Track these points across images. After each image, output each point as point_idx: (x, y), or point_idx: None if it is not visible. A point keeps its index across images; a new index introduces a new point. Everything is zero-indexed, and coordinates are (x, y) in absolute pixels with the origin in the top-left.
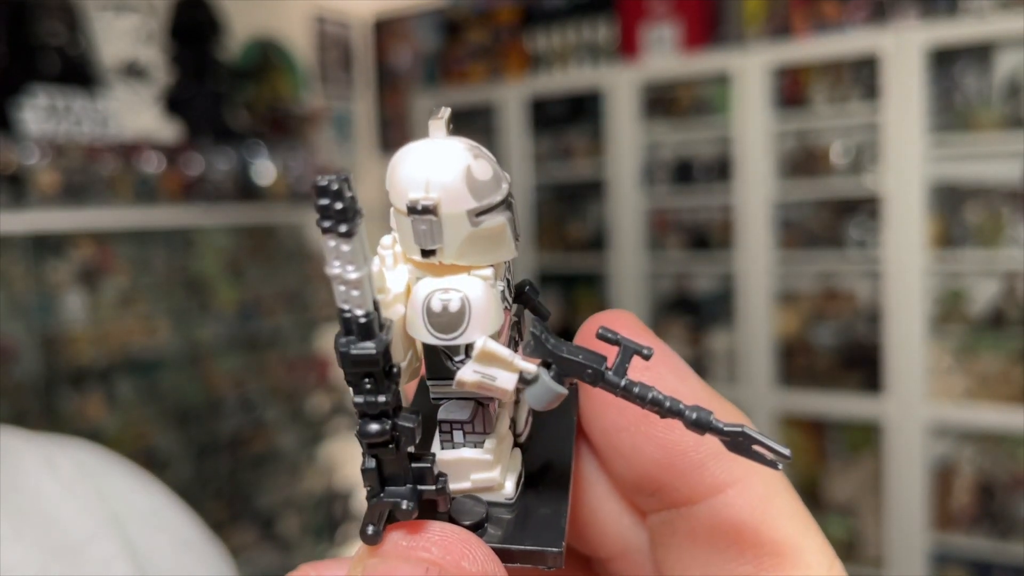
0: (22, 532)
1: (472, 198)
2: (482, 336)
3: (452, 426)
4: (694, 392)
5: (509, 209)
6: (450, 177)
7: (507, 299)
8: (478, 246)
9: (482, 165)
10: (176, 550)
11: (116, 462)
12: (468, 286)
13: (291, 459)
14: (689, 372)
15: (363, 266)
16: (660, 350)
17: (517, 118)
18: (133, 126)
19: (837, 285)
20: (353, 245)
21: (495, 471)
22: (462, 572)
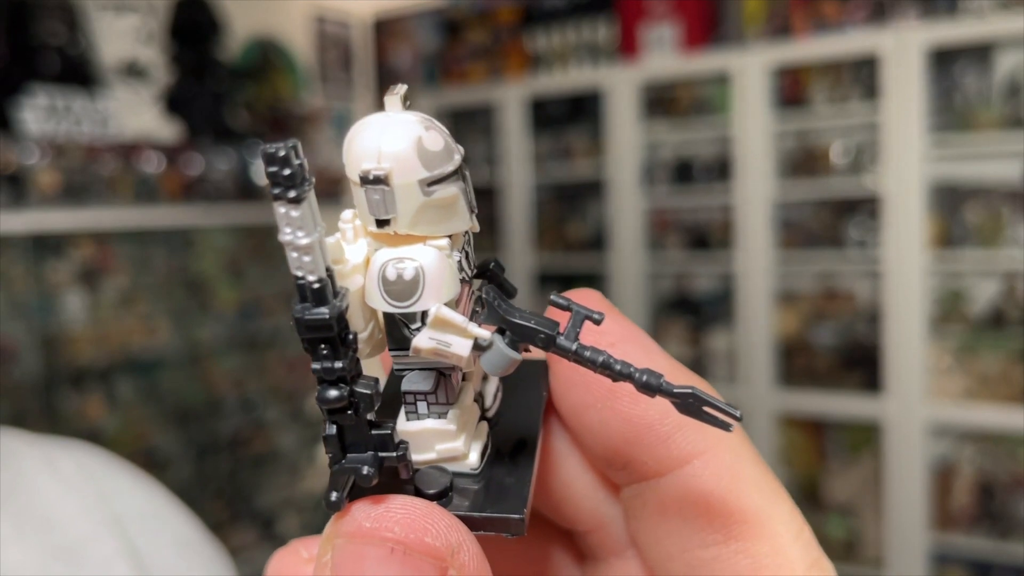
0: (23, 533)
1: (423, 168)
2: (436, 303)
3: (416, 397)
4: (657, 366)
5: (462, 180)
6: (401, 147)
7: (465, 270)
8: (431, 216)
9: (433, 136)
10: (176, 551)
11: (117, 463)
12: (422, 255)
13: (291, 459)
14: (654, 347)
15: (313, 232)
16: (625, 327)
17: (517, 118)
18: (133, 126)
19: (837, 285)
20: (302, 211)
21: (459, 441)
22: (425, 548)
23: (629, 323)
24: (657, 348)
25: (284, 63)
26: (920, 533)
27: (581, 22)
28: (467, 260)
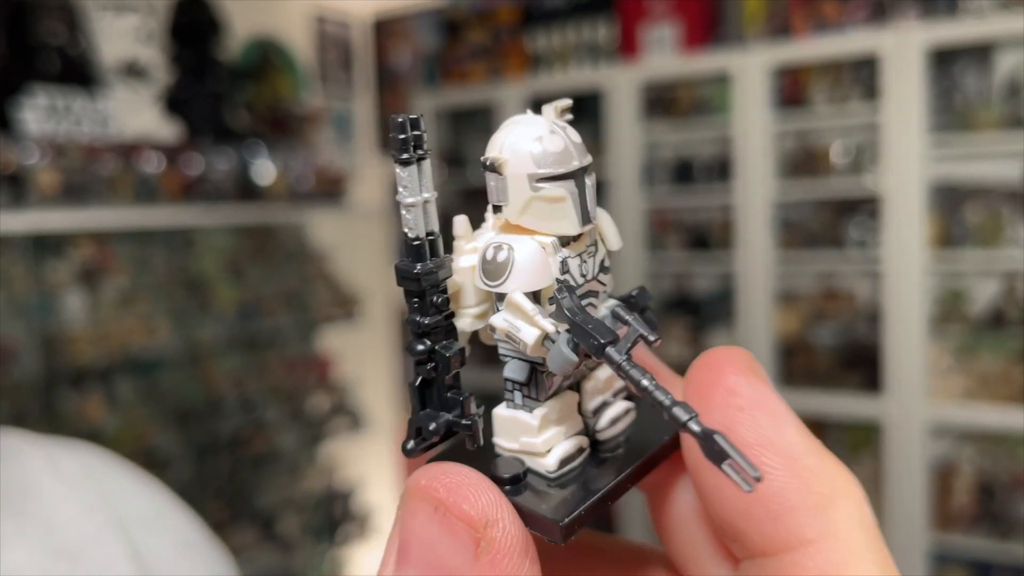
0: (25, 534)
1: (534, 164)
2: (518, 289)
3: (512, 385)
4: (788, 445)
5: (577, 186)
6: (519, 143)
7: (571, 274)
8: (538, 211)
9: (555, 139)
10: (179, 552)
11: (119, 465)
12: (520, 243)
13: (291, 459)
14: (787, 417)
15: (417, 194)
16: (757, 393)
17: None
18: (133, 126)
19: (837, 285)
20: (409, 173)
21: (538, 438)
22: (461, 514)
23: (765, 390)
24: (790, 418)
25: (284, 63)
26: (920, 533)
27: (581, 22)
28: (582, 267)
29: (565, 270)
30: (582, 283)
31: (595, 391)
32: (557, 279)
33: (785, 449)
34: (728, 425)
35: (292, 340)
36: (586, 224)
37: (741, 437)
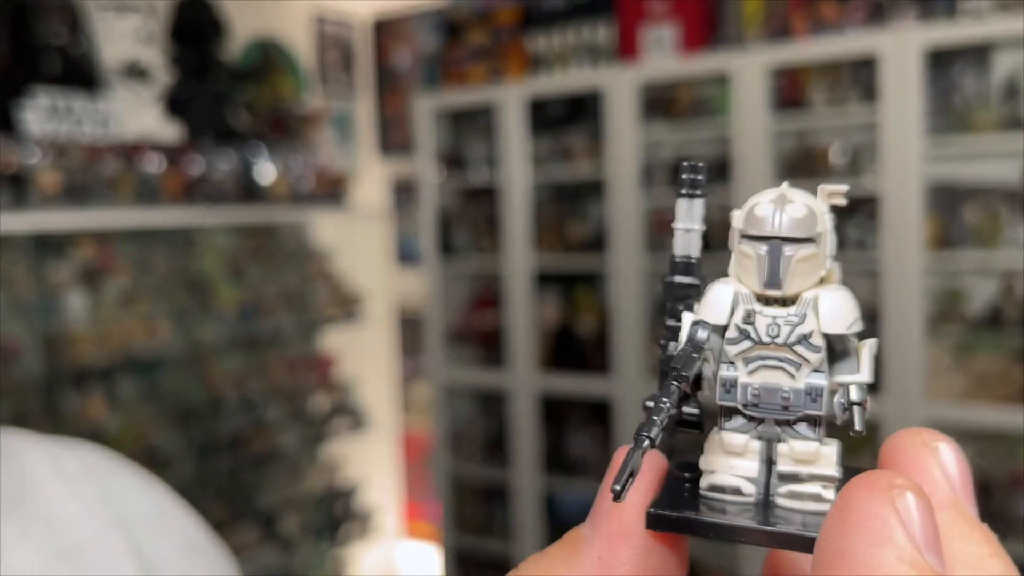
0: (26, 533)
1: (741, 221)
2: (694, 315)
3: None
4: (955, 548)
5: (769, 252)
6: (745, 203)
7: (753, 327)
8: (738, 263)
9: (766, 208)
10: (181, 552)
11: (122, 464)
12: (722, 282)
13: (292, 459)
14: (966, 521)
15: (686, 223)
16: (951, 494)
17: (517, 119)
18: (134, 126)
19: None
20: (685, 205)
21: (706, 457)
22: (615, 464)
23: (962, 487)
24: (968, 523)
25: (285, 64)
26: None
27: (581, 23)
28: (770, 328)
29: (749, 321)
30: (766, 341)
31: (785, 455)
32: (737, 325)
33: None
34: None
35: (293, 340)
36: (769, 288)
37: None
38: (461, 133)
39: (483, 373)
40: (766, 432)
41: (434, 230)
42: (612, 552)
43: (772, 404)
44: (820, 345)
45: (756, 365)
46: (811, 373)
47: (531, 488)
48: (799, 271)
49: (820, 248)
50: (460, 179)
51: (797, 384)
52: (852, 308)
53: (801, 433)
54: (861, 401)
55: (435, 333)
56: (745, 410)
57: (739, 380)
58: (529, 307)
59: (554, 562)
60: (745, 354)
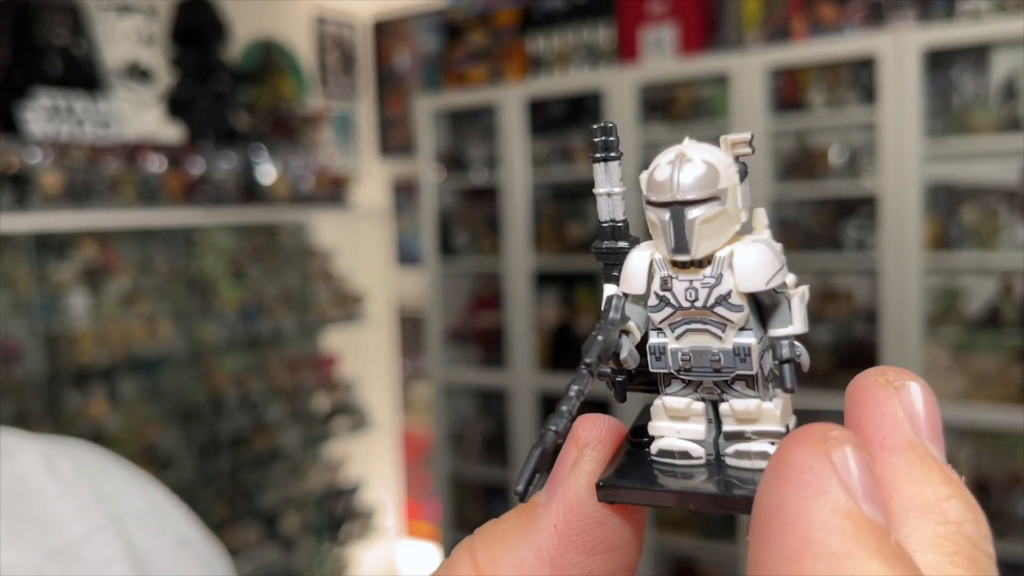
0: (19, 533)
1: (644, 187)
2: (617, 287)
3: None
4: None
5: (672, 217)
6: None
7: (671, 293)
8: (651, 229)
9: (665, 170)
10: (175, 550)
11: (116, 462)
12: (640, 249)
13: (293, 458)
14: (932, 465)
15: (605, 187)
16: (910, 431)
17: (517, 119)
18: (136, 127)
19: (835, 285)
20: (605, 170)
21: (654, 423)
22: (574, 434)
23: (928, 428)
24: (927, 465)
25: (286, 65)
26: None
27: (580, 24)
28: (688, 292)
29: (666, 288)
30: (686, 306)
31: (727, 415)
32: (656, 293)
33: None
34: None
35: (294, 340)
36: (677, 254)
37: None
38: (461, 134)
39: (483, 373)
40: (708, 394)
41: (434, 230)
42: (567, 522)
43: (703, 367)
44: (741, 304)
45: (682, 330)
46: (738, 332)
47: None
48: (706, 232)
49: (728, 204)
50: (460, 179)
51: (725, 345)
52: (770, 261)
53: (740, 391)
54: (790, 358)
55: (435, 333)
56: (679, 375)
57: (668, 346)
58: (529, 307)
59: (509, 529)
60: (669, 320)
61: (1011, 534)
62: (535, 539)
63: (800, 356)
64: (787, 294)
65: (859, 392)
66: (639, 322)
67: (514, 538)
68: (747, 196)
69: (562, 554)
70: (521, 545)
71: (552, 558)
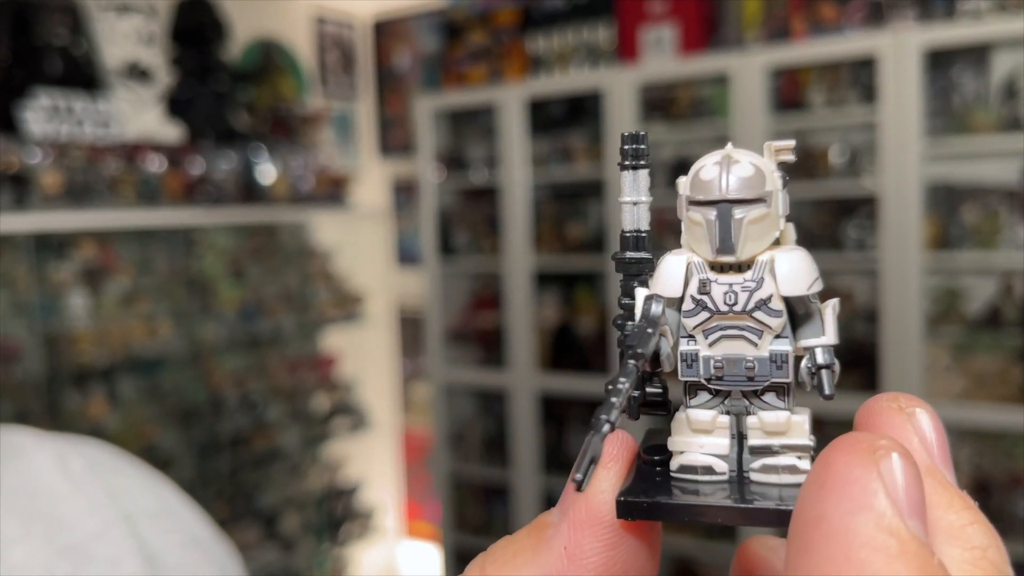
0: (30, 530)
1: (688, 188)
2: (648, 291)
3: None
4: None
5: (719, 216)
6: (692, 168)
7: (710, 297)
8: (689, 232)
9: (712, 170)
10: (185, 548)
11: (127, 460)
12: (674, 254)
13: (293, 458)
14: (942, 483)
15: (633, 196)
16: (929, 461)
17: (517, 119)
18: (135, 127)
19: (835, 285)
20: (629, 177)
21: (674, 438)
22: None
23: (940, 453)
24: (947, 490)
25: (285, 64)
26: None
27: (581, 24)
28: (727, 295)
29: (704, 291)
30: (724, 311)
31: (755, 428)
32: (693, 296)
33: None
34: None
35: (293, 340)
36: (722, 255)
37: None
38: (461, 133)
39: (483, 373)
40: (734, 406)
41: (434, 230)
42: (578, 543)
43: (736, 375)
44: (781, 309)
45: (716, 336)
46: (774, 340)
47: (531, 488)
48: (752, 234)
49: (772, 208)
50: (460, 179)
51: (760, 352)
52: (811, 268)
53: (770, 403)
54: (829, 364)
55: (435, 333)
56: (709, 384)
57: (700, 353)
58: (529, 307)
59: (520, 549)
60: (704, 326)
61: (1011, 534)
62: (545, 561)
63: (835, 365)
64: (819, 305)
65: (872, 418)
66: (672, 327)
67: (524, 559)
68: (787, 204)
69: None
70: (532, 566)
71: None
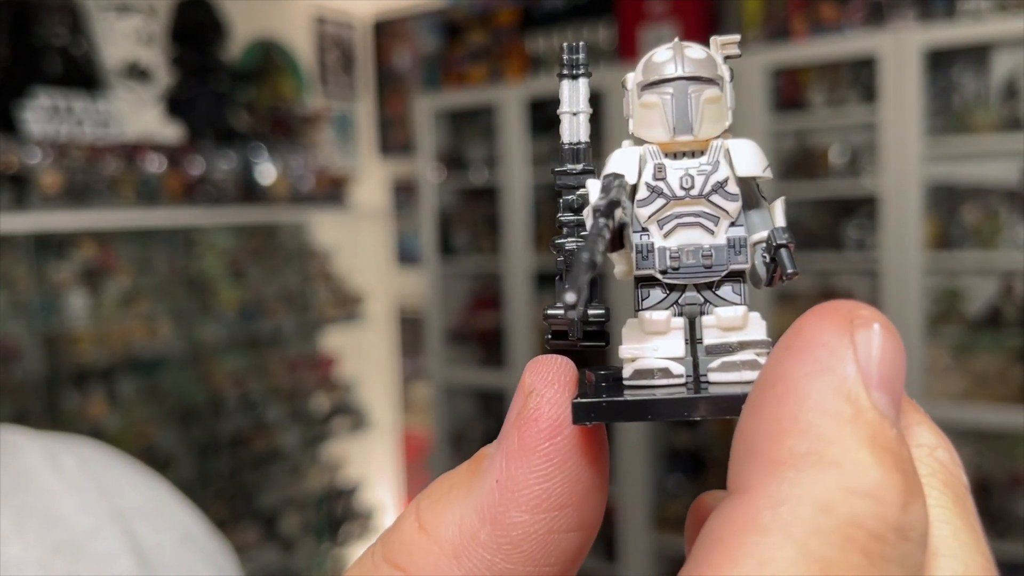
0: (24, 529)
1: (640, 74)
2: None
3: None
4: (801, 387)
5: (675, 96)
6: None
7: (665, 182)
8: (641, 120)
9: (665, 53)
10: (179, 546)
11: (119, 458)
12: (623, 146)
13: (292, 458)
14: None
15: (574, 107)
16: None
17: (517, 119)
18: (135, 127)
19: (835, 285)
20: (568, 88)
21: (624, 345)
22: (522, 381)
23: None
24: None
25: (285, 64)
26: None
27: (581, 24)
28: (683, 179)
29: (660, 176)
30: (680, 195)
31: (711, 327)
32: (648, 184)
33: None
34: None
35: (293, 340)
36: (680, 134)
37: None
38: (461, 133)
39: (483, 373)
40: (689, 307)
41: (434, 230)
42: (511, 475)
43: (693, 266)
44: (737, 193)
45: (672, 225)
46: (730, 227)
47: None
48: (708, 113)
49: (724, 93)
50: (460, 179)
51: (717, 240)
52: (762, 152)
53: (725, 298)
54: (787, 243)
55: (435, 333)
56: (664, 277)
57: (655, 244)
58: (529, 307)
59: (455, 483)
60: (659, 215)
61: (1011, 534)
62: (478, 495)
63: (792, 244)
64: (767, 198)
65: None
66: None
67: (458, 493)
68: (734, 99)
69: (504, 511)
70: (464, 500)
71: (493, 516)
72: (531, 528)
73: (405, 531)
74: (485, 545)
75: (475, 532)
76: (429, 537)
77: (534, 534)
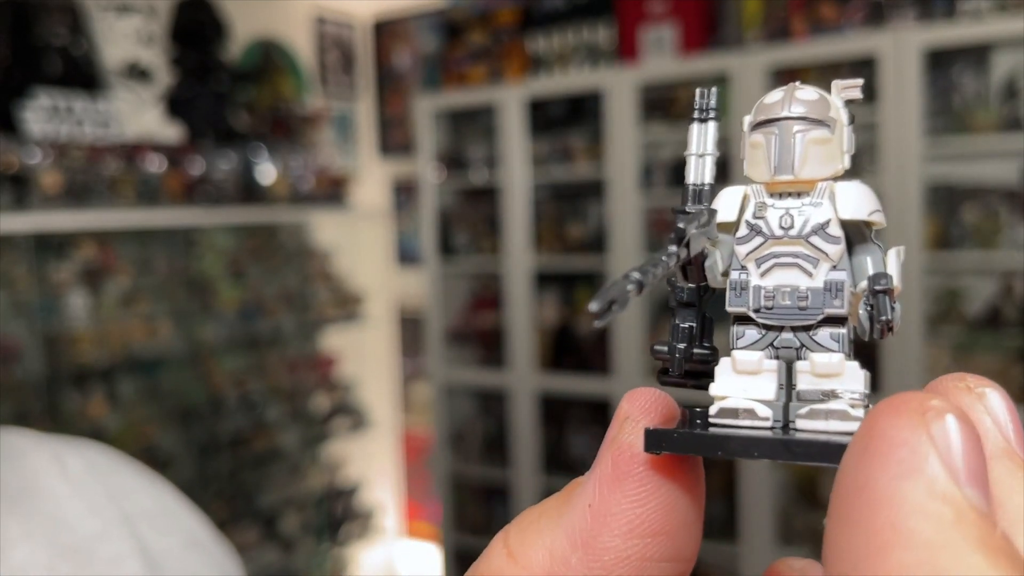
0: (31, 532)
1: (751, 115)
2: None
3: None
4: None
5: (778, 135)
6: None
7: (765, 221)
8: (749, 160)
9: (775, 95)
10: (185, 549)
11: (126, 462)
12: (733, 186)
13: (292, 458)
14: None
15: (700, 149)
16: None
17: (517, 119)
18: (135, 127)
19: None
20: (696, 131)
21: (715, 382)
22: (620, 408)
23: (1016, 435)
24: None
25: (285, 64)
26: None
27: (581, 24)
28: (783, 219)
29: (760, 215)
30: (779, 235)
31: (805, 372)
32: (747, 221)
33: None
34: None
35: (293, 340)
36: (780, 173)
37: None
38: (461, 133)
39: (483, 373)
40: (785, 350)
41: (434, 230)
42: (603, 500)
43: (788, 308)
44: (839, 236)
45: (769, 265)
46: (830, 270)
47: (531, 488)
48: (812, 154)
49: (835, 136)
50: (460, 179)
51: (815, 283)
52: (872, 196)
53: (822, 344)
54: (884, 288)
55: (435, 333)
56: (757, 316)
57: (751, 283)
58: (529, 307)
59: (545, 511)
60: (756, 253)
61: None
62: (569, 520)
63: (896, 289)
64: (881, 246)
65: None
66: (724, 255)
67: (548, 519)
68: (852, 143)
69: (595, 536)
70: (555, 526)
71: (585, 541)
72: (624, 553)
73: (494, 560)
74: (576, 570)
75: (566, 557)
76: (518, 564)
77: (627, 559)
